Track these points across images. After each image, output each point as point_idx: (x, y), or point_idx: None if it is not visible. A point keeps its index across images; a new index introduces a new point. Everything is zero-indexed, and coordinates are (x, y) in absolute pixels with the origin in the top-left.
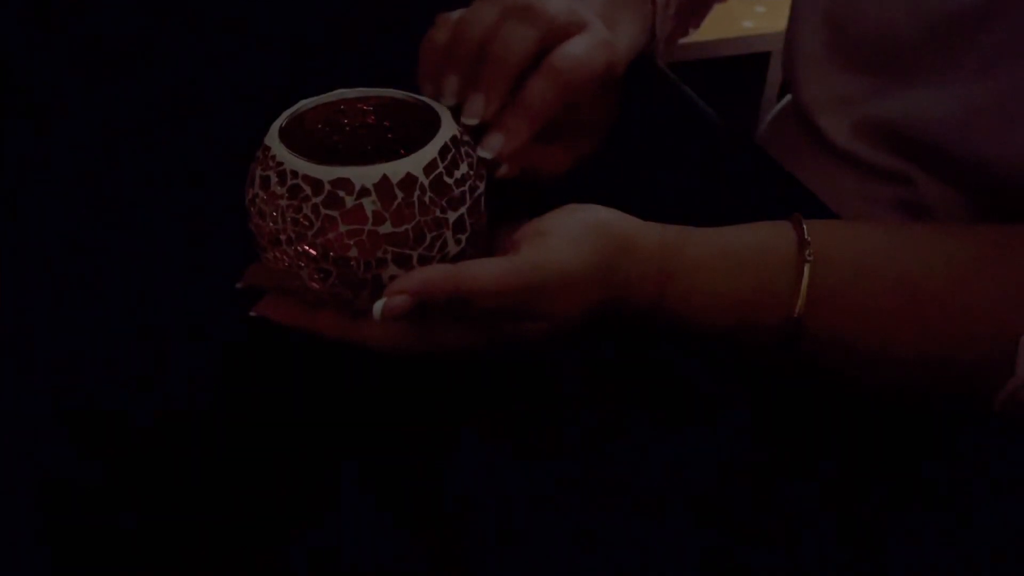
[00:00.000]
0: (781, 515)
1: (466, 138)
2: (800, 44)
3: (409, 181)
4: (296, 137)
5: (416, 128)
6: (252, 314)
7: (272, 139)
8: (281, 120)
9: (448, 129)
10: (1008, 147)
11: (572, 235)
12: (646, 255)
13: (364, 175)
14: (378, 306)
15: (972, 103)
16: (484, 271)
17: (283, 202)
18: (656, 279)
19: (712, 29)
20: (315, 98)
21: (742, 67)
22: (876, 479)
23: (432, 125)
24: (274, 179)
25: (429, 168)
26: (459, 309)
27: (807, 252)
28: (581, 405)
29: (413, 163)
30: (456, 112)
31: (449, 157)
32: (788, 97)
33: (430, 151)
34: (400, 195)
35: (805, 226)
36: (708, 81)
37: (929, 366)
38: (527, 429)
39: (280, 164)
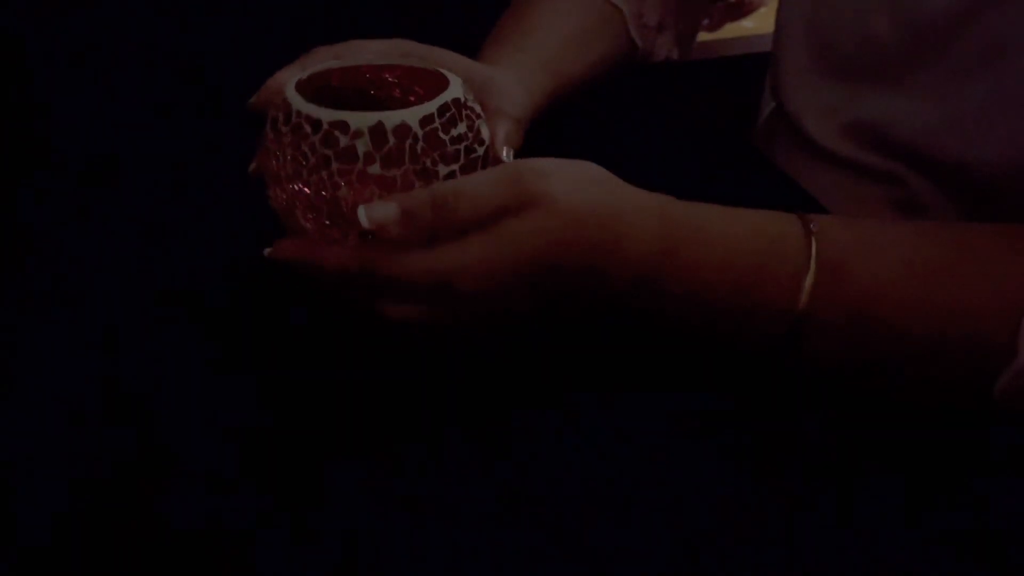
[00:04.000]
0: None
1: (472, 104)
2: (784, 54)
3: (403, 130)
4: (321, 95)
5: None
6: (265, 253)
7: (289, 87)
8: (303, 73)
9: (453, 92)
10: (989, 149)
11: (572, 174)
12: (645, 216)
13: (361, 119)
14: (362, 209)
15: (952, 108)
16: (468, 179)
17: (286, 139)
18: (657, 233)
19: None
20: (341, 61)
21: (742, 67)
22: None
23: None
24: (281, 119)
25: (425, 121)
26: (448, 220)
27: (812, 225)
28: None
29: (410, 114)
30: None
31: (448, 115)
32: (772, 104)
33: (429, 106)
34: (392, 140)
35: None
36: (708, 81)
37: (930, 347)
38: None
39: (288, 105)
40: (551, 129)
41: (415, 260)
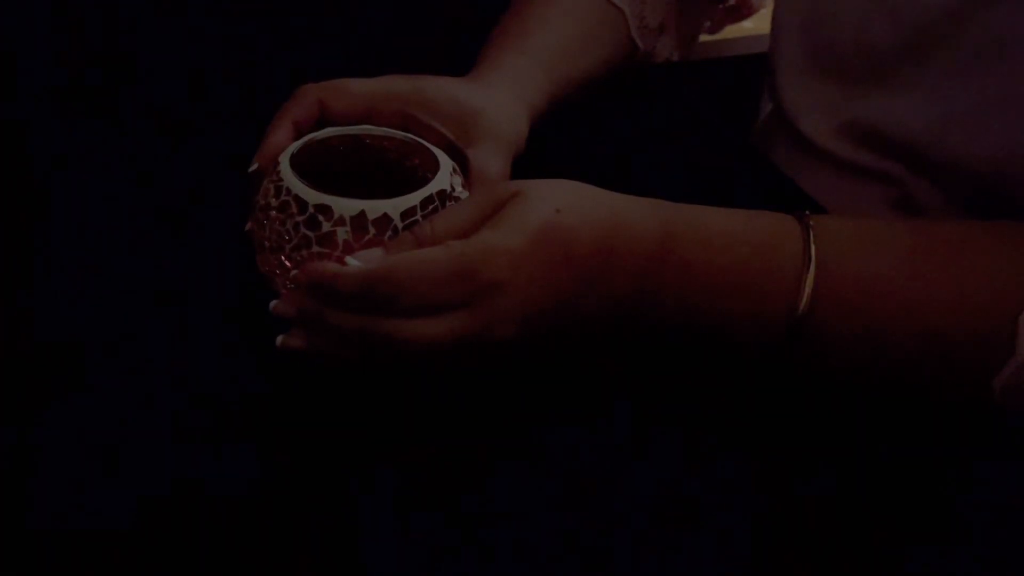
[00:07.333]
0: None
1: (456, 194)
2: (781, 54)
3: (384, 221)
4: (318, 160)
5: (429, 174)
6: (271, 307)
7: (284, 157)
8: (300, 142)
9: (439, 183)
10: (983, 149)
11: (564, 188)
12: (644, 220)
13: (344, 206)
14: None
15: (947, 108)
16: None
17: (273, 213)
18: (655, 235)
19: None
20: (341, 129)
21: (742, 67)
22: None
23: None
24: (272, 191)
25: (407, 214)
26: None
27: (810, 223)
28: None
29: (392, 205)
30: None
31: (430, 208)
32: (770, 105)
33: (413, 198)
34: (372, 231)
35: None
36: (708, 81)
37: (929, 344)
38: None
39: (280, 180)
40: (551, 130)
41: (437, 254)
